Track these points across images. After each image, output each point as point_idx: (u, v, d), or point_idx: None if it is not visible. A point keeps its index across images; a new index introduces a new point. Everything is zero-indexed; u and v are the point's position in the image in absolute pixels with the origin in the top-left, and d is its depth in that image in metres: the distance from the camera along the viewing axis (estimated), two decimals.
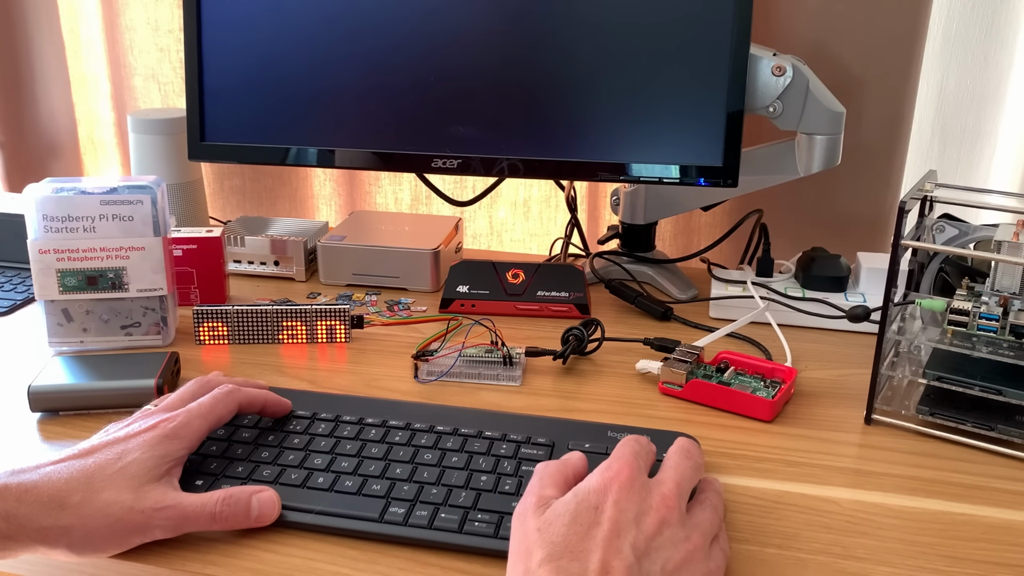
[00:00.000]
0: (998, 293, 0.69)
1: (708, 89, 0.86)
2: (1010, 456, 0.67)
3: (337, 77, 0.92)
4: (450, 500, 0.58)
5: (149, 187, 0.79)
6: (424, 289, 1.00)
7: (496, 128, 0.91)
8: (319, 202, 1.32)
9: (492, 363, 0.78)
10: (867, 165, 1.08)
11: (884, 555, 0.56)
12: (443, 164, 0.92)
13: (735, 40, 0.85)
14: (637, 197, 1.01)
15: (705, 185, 0.89)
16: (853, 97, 1.03)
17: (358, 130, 0.93)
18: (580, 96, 0.89)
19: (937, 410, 0.70)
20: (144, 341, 0.84)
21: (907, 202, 0.67)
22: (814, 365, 0.82)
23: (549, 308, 0.92)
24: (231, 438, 0.65)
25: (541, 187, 1.23)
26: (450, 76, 0.90)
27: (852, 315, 0.82)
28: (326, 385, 0.77)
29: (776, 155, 0.95)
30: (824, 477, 0.64)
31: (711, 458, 0.66)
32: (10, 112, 1.35)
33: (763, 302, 0.91)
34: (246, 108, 0.94)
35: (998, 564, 0.55)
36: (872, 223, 1.11)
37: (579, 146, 0.90)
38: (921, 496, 0.62)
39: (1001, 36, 1.03)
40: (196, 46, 0.93)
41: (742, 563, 0.55)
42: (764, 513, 0.60)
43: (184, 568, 0.54)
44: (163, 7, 1.25)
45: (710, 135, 0.87)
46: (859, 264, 0.95)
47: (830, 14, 1.03)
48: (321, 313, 0.85)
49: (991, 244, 0.69)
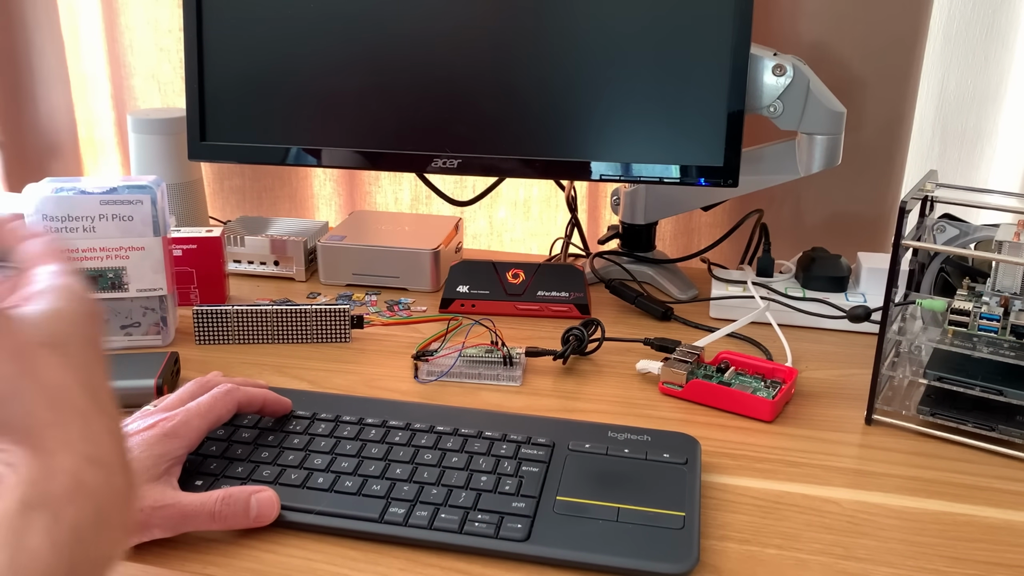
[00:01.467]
0: (999, 293, 0.69)
1: (709, 89, 0.86)
2: (1011, 456, 0.67)
3: (337, 77, 0.92)
4: (450, 500, 0.58)
5: (149, 187, 0.79)
6: (424, 289, 0.99)
7: (496, 128, 0.91)
8: (319, 202, 1.32)
9: (492, 363, 0.78)
10: (868, 165, 1.08)
11: (885, 555, 0.56)
12: (443, 164, 0.92)
13: (736, 40, 0.85)
14: (637, 197, 1.01)
15: (705, 185, 0.89)
16: (854, 97, 1.03)
17: (358, 130, 0.93)
18: (580, 96, 0.89)
19: (938, 410, 0.70)
20: (144, 341, 0.84)
21: (908, 202, 0.67)
22: (814, 365, 0.82)
23: (549, 308, 0.92)
24: (231, 438, 0.64)
25: (541, 187, 1.23)
26: (450, 76, 0.90)
27: (853, 315, 0.82)
28: (326, 385, 0.77)
29: (776, 155, 0.95)
30: (825, 477, 0.64)
31: (712, 458, 0.66)
32: (10, 112, 1.35)
33: (763, 302, 0.91)
34: (246, 108, 0.94)
35: (999, 564, 0.55)
36: (872, 223, 1.10)
37: (579, 146, 0.90)
38: (922, 496, 0.62)
39: (1002, 36, 1.02)
40: (196, 46, 0.93)
41: (742, 563, 0.55)
42: (765, 513, 0.60)
43: (184, 568, 0.54)
44: (163, 7, 1.25)
45: (710, 135, 0.87)
46: (859, 264, 0.95)
47: (831, 14, 1.03)
48: (321, 313, 0.85)
49: (992, 244, 0.69)
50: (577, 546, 0.54)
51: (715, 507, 0.60)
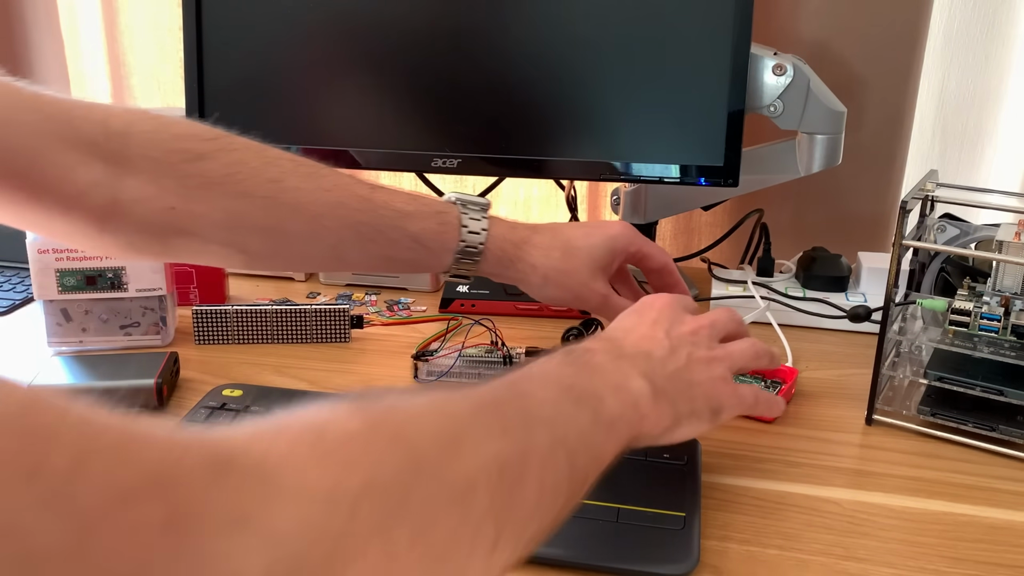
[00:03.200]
0: (999, 293, 0.69)
1: (709, 88, 0.86)
2: (1011, 456, 0.67)
3: (337, 77, 0.92)
4: None
5: None
6: (424, 289, 0.99)
7: (496, 128, 0.91)
8: None
9: (492, 363, 0.78)
10: (868, 164, 1.08)
11: (885, 556, 0.56)
12: (443, 164, 0.92)
13: (736, 39, 0.85)
14: (638, 197, 1.00)
15: (706, 185, 0.89)
16: (854, 96, 1.03)
17: (358, 130, 0.93)
18: (580, 95, 0.89)
19: (938, 410, 0.69)
20: (143, 341, 0.84)
21: (908, 202, 0.66)
22: (815, 365, 0.82)
23: (549, 308, 0.92)
24: None
25: (541, 187, 1.23)
26: (450, 75, 0.90)
27: (853, 315, 0.82)
28: (326, 385, 0.77)
29: (777, 154, 0.94)
30: (825, 478, 0.64)
31: (712, 458, 0.66)
32: None
33: (764, 302, 0.91)
34: (246, 108, 0.94)
35: (999, 565, 0.55)
36: (873, 223, 1.10)
37: (579, 146, 0.90)
38: (922, 497, 0.62)
39: (1002, 35, 1.02)
40: (196, 46, 0.93)
41: (743, 564, 0.55)
42: (765, 514, 0.60)
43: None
44: (163, 7, 1.25)
45: (711, 134, 0.87)
46: (860, 264, 0.94)
47: (831, 13, 1.03)
48: (321, 313, 0.85)
49: (992, 244, 0.69)
50: (577, 546, 0.54)
51: (715, 507, 0.60)
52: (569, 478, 0.43)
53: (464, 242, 0.68)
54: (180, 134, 0.61)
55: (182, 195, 0.60)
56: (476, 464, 0.37)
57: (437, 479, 0.35)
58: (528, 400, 0.44)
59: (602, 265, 0.71)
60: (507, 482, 0.38)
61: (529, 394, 0.45)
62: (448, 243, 0.67)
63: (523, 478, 0.39)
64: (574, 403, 0.47)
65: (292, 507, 0.28)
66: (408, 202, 0.67)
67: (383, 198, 0.66)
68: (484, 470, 0.37)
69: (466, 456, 0.37)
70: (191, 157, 0.60)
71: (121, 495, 0.24)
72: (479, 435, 0.39)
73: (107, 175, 0.58)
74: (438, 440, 0.36)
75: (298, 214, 0.63)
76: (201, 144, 0.61)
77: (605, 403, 0.49)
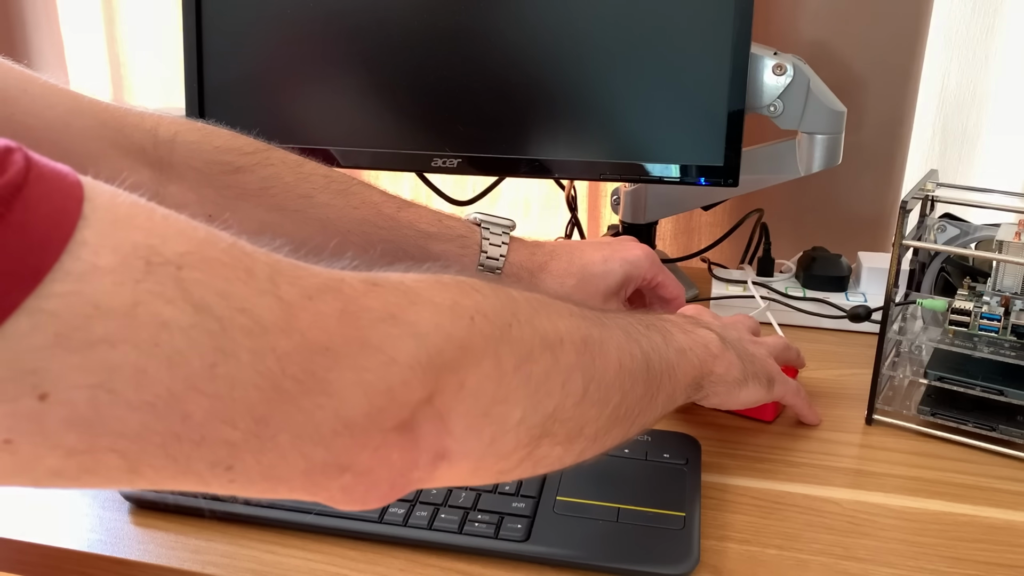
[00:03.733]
0: (999, 293, 0.69)
1: (709, 88, 0.86)
2: (1012, 456, 0.67)
3: (337, 77, 0.92)
4: (450, 500, 0.58)
5: None
6: None
7: (496, 128, 0.91)
8: None
9: None
10: (868, 164, 1.08)
11: (885, 556, 0.56)
12: (443, 164, 0.92)
13: (736, 39, 0.85)
14: (638, 196, 1.00)
15: (706, 184, 0.89)
16: (854, 96, 1.02)
17: (358, 129, 0.93)
18: (581, 95, 0.89)
19: (938, 410, 0.69)
20: None
21: (908, 201, 0.66)
22: (814, 365, 0.82)
23: None
24: None
25: (541, 187, 1.23)
26: (450, 75, 0.90)
27: (853, 315, 0.82)
28: None
29: (777, 154, 0.94)
30: (825, 477, 0.64)
31: (712, 458, 0.66)
32: None
33: (764, 302, 0.91)
34: (246, 108, 0.94)
35: (999, 565, 0.55)
36: (873, 222, 1.10)
37: (579, 145, 0.90)
38: (922, 497, 0.62)
39: (1002, 35, 1.02)
40: (196, 46, 0.93)
41: (743, 564, 0.55)
42: (765, 514, 0.60)
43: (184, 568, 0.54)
44: (163, 7, 1.25)
45: (711, 134, 0.87)
46: (860, 264, 0.94)
47: (831, 13, 1.03)
48: None
49: (993, 244, 0.69)
50: (577, 546, 0.54)
51: (715, 507, 0.60)
52: (646, 373, 0.48)
53: (483, 266, 0.70)
54: (222, 147, 0.65)
55: (220, 204, 0.63)
56: (562, 326, 0.43)
57: (531, 325, 0.41)
58: (603, 313, 0.48)
59: (616, 291, 0.73)
60: (590, 350, 0.44)
61: (603, 311, 0.49)
62: (467, 266, 0.70)
63: (604, 352, 0.44)
64: (645, 327, 0.51)
65: (428, 312, 0.36)
66: (433, 223, 0.70)
67: (409, 218, 0.69)
68: (569, 333, 0.43)
69: (553, 318, 0.43)
70: (230, 169, 0.64)
71: (307, 292, 0.33)
72: (562, 311, 0.44)
73: (152, 181, 0.61)
74: (529, 303, 0.42)
75: (326, 229, 0.66)
76: (240, 157, 0.65)
77: (674, 335, 0.53)
